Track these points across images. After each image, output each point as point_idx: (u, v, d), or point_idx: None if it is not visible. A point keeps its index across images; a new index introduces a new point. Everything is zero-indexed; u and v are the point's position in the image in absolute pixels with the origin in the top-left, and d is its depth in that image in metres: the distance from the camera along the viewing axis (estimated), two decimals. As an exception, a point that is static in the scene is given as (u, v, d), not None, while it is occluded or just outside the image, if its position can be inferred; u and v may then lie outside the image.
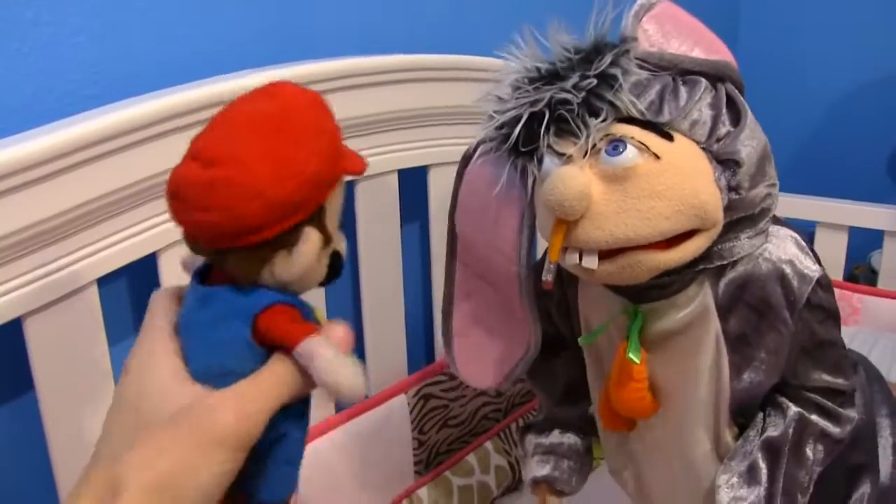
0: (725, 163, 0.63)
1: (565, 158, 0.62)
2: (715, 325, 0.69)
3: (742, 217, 0.65)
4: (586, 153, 0.61)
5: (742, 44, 2.17)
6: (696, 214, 0.60)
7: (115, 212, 0.79)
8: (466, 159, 0.78)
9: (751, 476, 0.71)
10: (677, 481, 0.78)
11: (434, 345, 1.24)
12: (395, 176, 1.10)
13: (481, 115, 0.68)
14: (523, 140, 0.63)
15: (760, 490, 0.71)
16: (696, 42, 0.67)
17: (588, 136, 0.61)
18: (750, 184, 0.64)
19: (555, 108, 0.61)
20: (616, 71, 0.61)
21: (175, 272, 0.85)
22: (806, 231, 1.51)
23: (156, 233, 0.83)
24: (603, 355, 0.78)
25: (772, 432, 0.72)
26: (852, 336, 1.44)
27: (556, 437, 0.87)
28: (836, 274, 1.49)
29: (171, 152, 0.79)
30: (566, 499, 0.89)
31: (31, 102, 0.81)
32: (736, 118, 0.65)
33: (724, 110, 0.65)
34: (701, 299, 0.68)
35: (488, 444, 1.25)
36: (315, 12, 1.07)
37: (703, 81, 0.65)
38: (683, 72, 0.65)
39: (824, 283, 0.69)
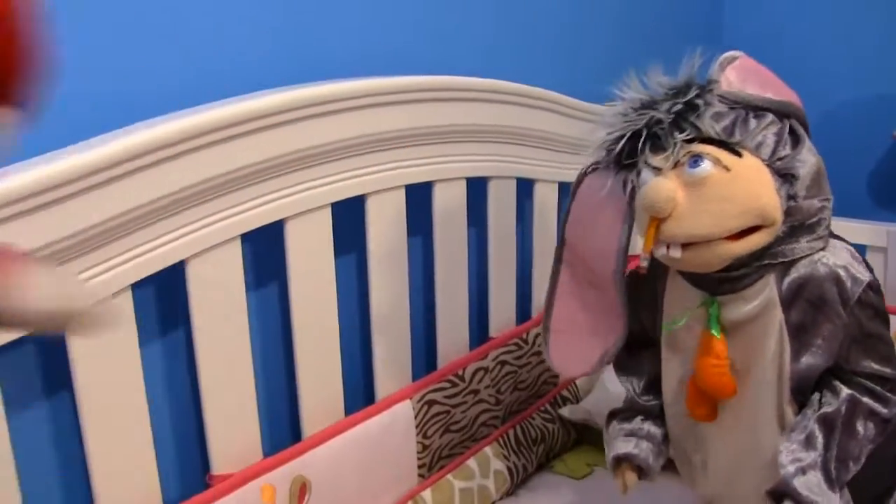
0: (785, 176, 0.80)
1: (658, 171, 0.79)
2: (779, 315, 0.83)
3: (801, 223, 0.81)
4: (676, 165, 0.79)
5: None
6: (757, 214, 0.78)
7: (147, 222, 0.85)
8: (580, 179, 0.95)
9: (808, 443, 0.84)
10: (744, 457, 0.90)
11: (437, 352, 1.29)
12: (403, 191, 1.16)
13: (483, 133, 0.86)
14: (626, 155, 0.81)
15: (816, 455, 0.83)
16: (767, 87, 0.85)
17: (675, 149, 0.78)
18: (805, 195, 0.81)
19: (651, 128, 0.79)
20: (700, 101, 0.79)
21: (204, 278, 0.91)
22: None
23: (185, 241, 0.90)
24: (682, 346, 0.91)
25: (827, 409, 0.85)
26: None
27: (637, 423, 1.00)
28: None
29: (199, 167, 0.88)
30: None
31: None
32: (796, 144, 0.82)
33: (787, 136, 0.81)
34: (767, 293, 0.83)
35: (488, 450, 1.30)
36: (325, 35, 1.13)
37: (770, 115, 0.82)
38: (755, 108, 0.82)
39: (874, 287, 0.83)
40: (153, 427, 0.91)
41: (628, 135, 0.80)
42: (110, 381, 0.86)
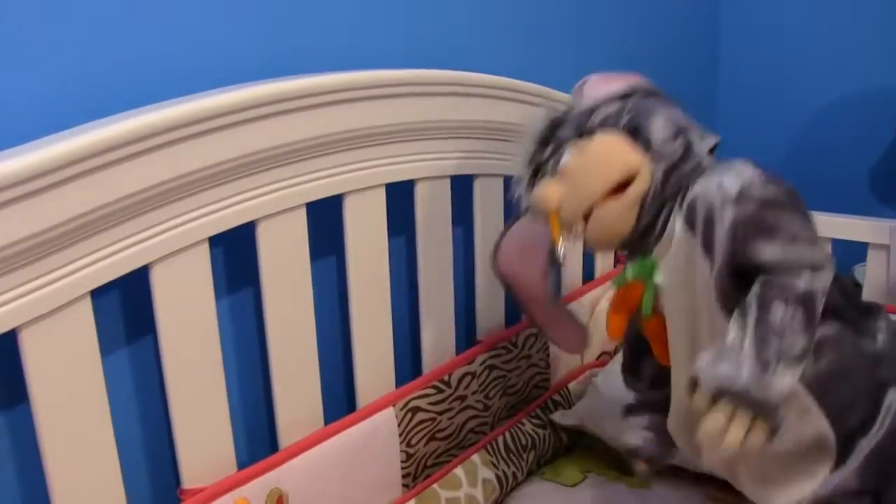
0: (633, 133, 0.91)
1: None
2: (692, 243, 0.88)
3: (670, 165, 0.91)
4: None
5: (724, 60, 2.20)
6: (615, 166, 0.90)
7: (108, 224, 0.80)
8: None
9: (725, 340, 0.83)
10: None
11: (421, 358, 1.25)
12: (383, 190, 1.12)
13: (465, 129, 1.10)
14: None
15: (733, 340, 0.81)
16: (611, 85, 0.96)
17: (547, 169, 0.96)
18: (664, 142, 0.91)
19: (539, 169, 0.97)
20: (558, 122, 0.96)
21: (169, 283, 0.87)
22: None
23: (148, 245, 0.85)
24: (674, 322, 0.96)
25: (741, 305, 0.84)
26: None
27: (647, 416, 1.08)
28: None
29: (163, 165, 0.82)
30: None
31: (24, 116, 0.82)
32: (645, 113, 0.93)
33: (629, 107, 0.93)
34: (673, 231, 0.90)
35: (476, 457, 1.25)
36: (300, 29, 1.09)
37: (615, 101, 0.94)
38: (598, 105, 0.94)
39: (754, 185, 0.85)
40: (119, 441, 0.86)
41: (528, 177, 0.98)
42: (70, 392, 0.81)
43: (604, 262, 1.67)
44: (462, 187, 1.27)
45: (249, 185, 0.93)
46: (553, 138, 0.95)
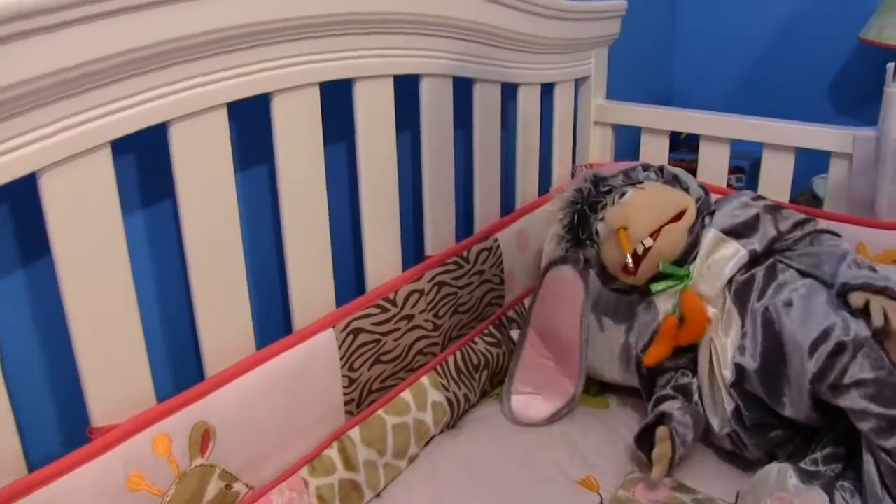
0: (671, 181, 1.23)
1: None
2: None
3: (699, 203, 1.19)
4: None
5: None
6: (675, 200, 1.16)
7: (128, 73, 0.77)
8: (545, 271, 1.27)
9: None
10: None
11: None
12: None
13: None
14: (578, 235, 1.19)
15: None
16: (622, 166, 1.26)
17: (610, 203, 1.17)
18: (689, 184, 1.22)
19: (593, 209, 1.18)
20: (602, 178, 1.21)
21: (185, 145, 0.85)
22: (752, 154, 1.51)
23: (168, 102, 0.82)
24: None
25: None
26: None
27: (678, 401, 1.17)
28: (783, 196, 1.43)
29: (181, 20, 0.77)
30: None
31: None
32: (661, 170, 1.24)
33: (657, 169, 1.24)
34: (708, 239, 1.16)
35: (425, 380, 1.17)
36: None
37: (640, 167, 1.25)
38: (627, 170, 1.24)
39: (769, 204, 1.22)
40: (7, 381, 0.75)
41: (577, 218, 1.19)
42: (90, 244, 0.78)
43: (561, 171, 1.58)
44: (405, 89, 1.15)
45: (267, 55, 0.91)
46: (597, 188, 1.19)
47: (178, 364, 1.02)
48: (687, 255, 1.14)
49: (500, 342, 1.32)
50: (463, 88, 1.26)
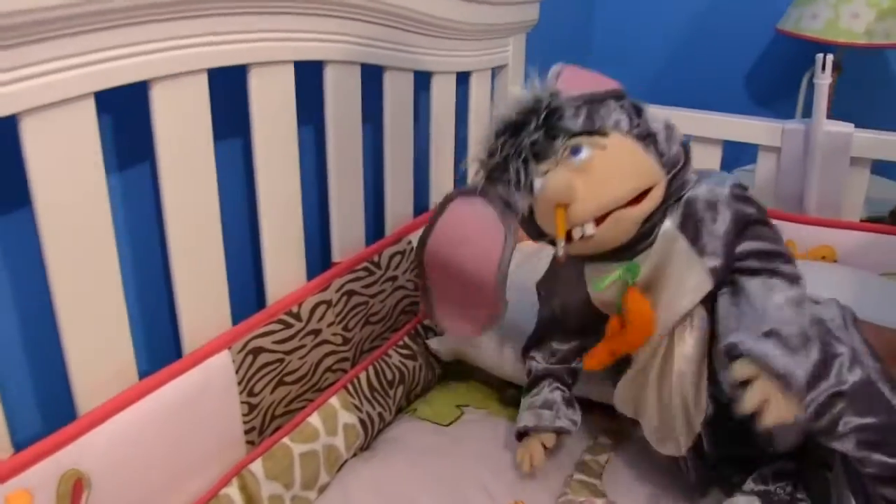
0: (646, 138, 0.91)
1: (546, 173, 0.88)
2: (681, 242, 0.90)
3: (673, 175, 0.92)
4: (557, 164, 0.88)
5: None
6: (645, 173, 0.89)
7: (108, 23, 0.75)
8: (444, 205, 1.07)
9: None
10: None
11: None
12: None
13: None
14: (502, 173, 0.90)
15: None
16: (593, 83, 0.94)
17: (557, 154, 0.87)
18: (667, 147, 0.92)
19: (534, 146, 0.88)
20: (558, 108, 0.88)
21: (168, 108, 0.83)
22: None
23: (149, 59, 0.80)
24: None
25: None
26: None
27: (545, 393, 1.09)
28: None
29: None
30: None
31: None
32: (639, 113, 0.93)
33: (631, 109, 0.92)
34: (663, 232, 0.91)
35: (334, 401, 1.06)
36: None
37: (610, 101, 0.92)
38: (594, 100, 0.91)
39: (741, 188, 0.93)
40: None
41: (513, 154, 0.88)
42: (71, 195, 0.77)
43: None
44: (306, 77, 1.03)
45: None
46: (547, 125, 0.88)
47: (48, 406, 0.88)
48: (634, 245, 0.91)
49: (416, 354, 1.22)
50: (372, 76, 1.16)
